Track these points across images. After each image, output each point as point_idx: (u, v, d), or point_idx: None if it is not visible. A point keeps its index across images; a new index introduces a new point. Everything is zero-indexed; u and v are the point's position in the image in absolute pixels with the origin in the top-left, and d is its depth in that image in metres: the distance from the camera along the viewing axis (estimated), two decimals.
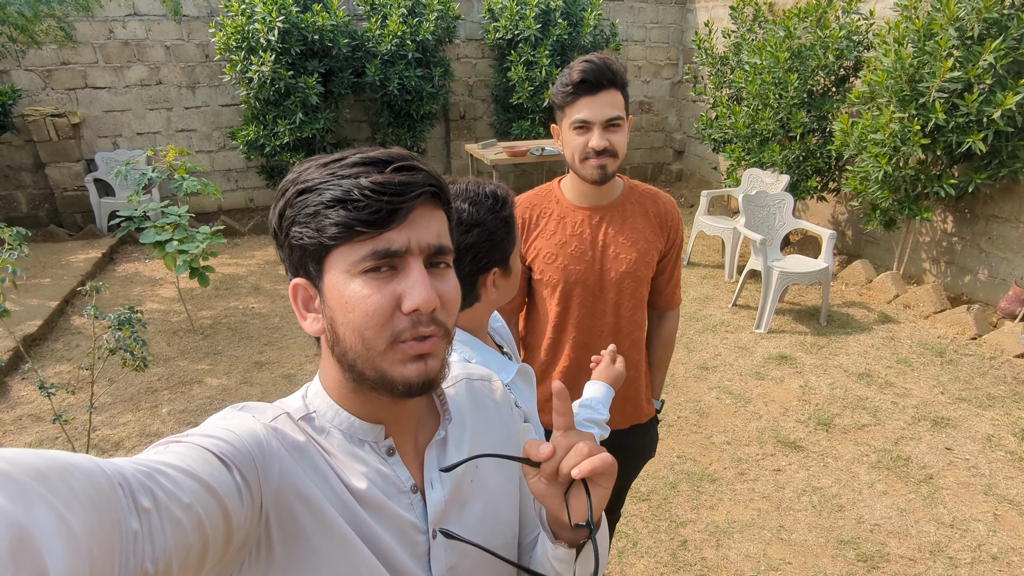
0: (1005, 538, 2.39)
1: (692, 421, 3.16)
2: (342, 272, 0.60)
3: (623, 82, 1.37)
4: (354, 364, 0.62)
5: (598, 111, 1.35)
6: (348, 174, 0.59)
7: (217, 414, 0.61)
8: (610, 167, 1.39)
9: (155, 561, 0.42)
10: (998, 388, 3.40)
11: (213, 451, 0.53)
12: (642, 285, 1.54)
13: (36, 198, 5.82)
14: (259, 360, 3.78)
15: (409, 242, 0.60)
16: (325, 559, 0.60)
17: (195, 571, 0.48)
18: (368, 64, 5.65)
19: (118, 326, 2.36)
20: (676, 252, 1.60)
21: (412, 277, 0.60)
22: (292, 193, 0.61)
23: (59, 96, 5.59)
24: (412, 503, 0.68)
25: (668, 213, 1.56)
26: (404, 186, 0.59)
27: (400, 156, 0.61)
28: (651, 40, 7.39)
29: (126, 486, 0.42)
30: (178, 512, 0.45)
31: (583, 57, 1.36)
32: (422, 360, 0.61)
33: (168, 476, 0.46)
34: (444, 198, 0.65)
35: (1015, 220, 4.06)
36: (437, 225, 0.63)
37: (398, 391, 0.61)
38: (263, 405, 0.65)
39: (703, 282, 4.98)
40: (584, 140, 1.37)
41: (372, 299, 0.59)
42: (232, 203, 6.48)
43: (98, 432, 3.04)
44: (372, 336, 0.60)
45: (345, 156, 0.62)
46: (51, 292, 4.47)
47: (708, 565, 2.28)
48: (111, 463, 0.43)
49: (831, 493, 2.64)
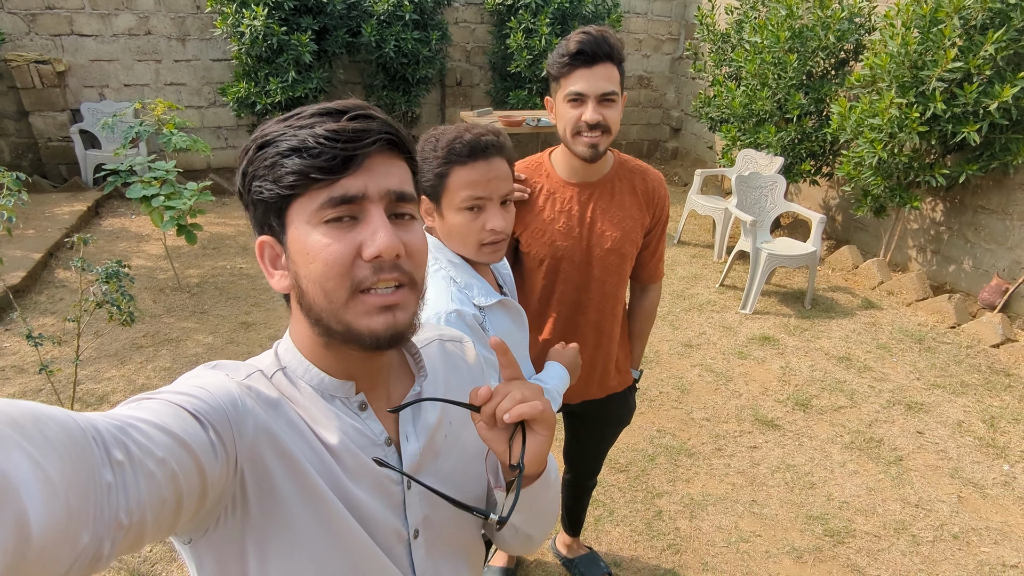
0: (967, 519, 2.49)
1: (674, 397, 3.21)
2: (303, 223, 0.60)
3: (620, 57, 1.36)
4: (320, 318, 0.62)
5: (593, 84, 1.33)
6: (304, 124, 0.59)
7: (189, 372, 0.61)
8: (602, 144, 1.38)
9: (129, 513, 0.42)
10: (972, 376, 3.49)
11: (186, 408, 0.53)
12: (626, 262, 1.55)
13: (19, 147, 5.69)
14: (246, 320, 3.77)
15: (367, 188, 0.60)
16: (300, 514, 0.61)
17: (169, 524, 0.49)
18: (364, 24, 5.52)
19: (105, 279, 2.34)
20: (661, 228, 1.61)
21: (373, 224, 0.60)
22: (253, 149, 0.61)
23: (44, 42, 5.42)
24: (386, 455, 0.69)
25: (655, 190, 1.56)
26: (359, 132, 0.59)
27: (356, 106, 0.62)
28: (653, 13, 7.27)
29: (99, 439, 0.42)
30: (151, 466, 0.45)
31: (581, 28, 1.34)
32: (390, 312, 0.61)
33: (141, 431, 0.46)
34: (404, 148, 0.64)
35: (1002, 212, 4.11)
36: (398, 173, 0.63)
37: (366, 344, 0.61)
38: (235, 363, 0.65)
39: (692, 261, 5.01)
40: (578, 113, 1.36)
41: (332, 248, 0.59)
42: (221, 161, 6.37)
43: (83, 386, 3.04)
44: (333, 287, 0.60)
45: (304, 109, 0.62)
46: (35, 244, 4.41)
47: (681, 535, 2.35)
48: (84, 416, 0.43)
49: (804, 471, 2.72)
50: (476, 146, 1.10)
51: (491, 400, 0.65)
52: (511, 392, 0.65)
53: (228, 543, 0.59)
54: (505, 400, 0.64)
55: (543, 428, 0.66)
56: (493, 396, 0.65)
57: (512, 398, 0.64)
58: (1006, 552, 2.33)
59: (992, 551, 2.33)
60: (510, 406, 0.63)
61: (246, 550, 0.60)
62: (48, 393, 2.94)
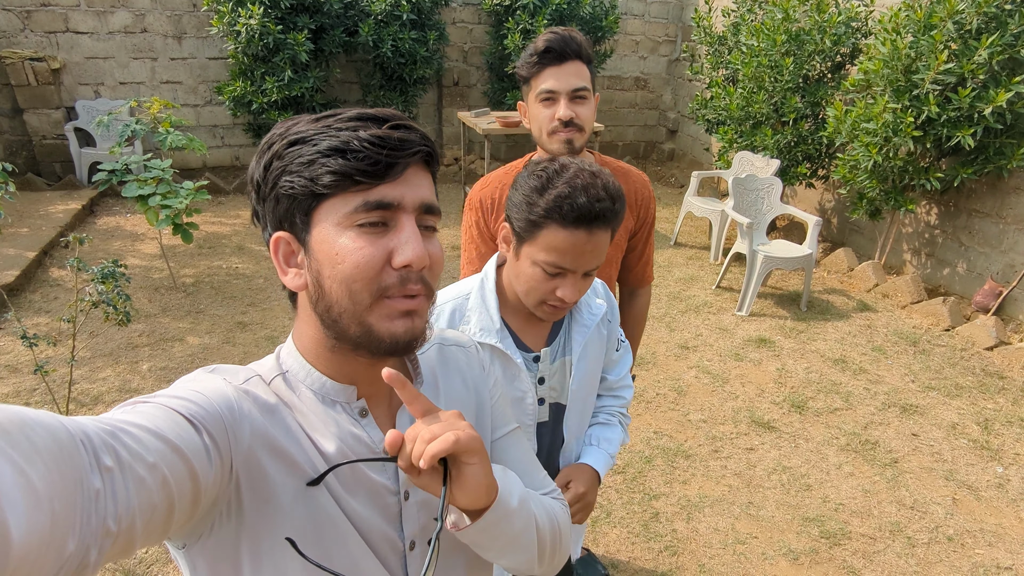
0: (961, 521, 2.50)
1: (670, 399, 3.22)
2: (333, 224, 0.60)
3: (588, 56, 1.36)
4: (339, 319, 0.61)
5: (564, 81, 1.33)
6: (346, 127, 0.60)
7: (187, 376, 0.61)
8: (576, 141, 1.37)
9: (118, 520, 0.42)
10: (966, 379, 3.51)
11: (181, 412, 0.52)
12: (610, 265, 1.54)
13: (13, 145, 5.65)
14: (242, 321, 3.76)
15: (403, 197, 0.60)
16: (295, 521, 0.61)
17: (161, 530, 0.48)
18: (361, 23, 5.51)
19: (101, 279, 2.33)
20: (647, 230, 1.60)
21: (405, 233, 0.60)
22: (281, 145, 0.61)
23: (39, 39, 5.39)
24: (384, 465, 0.69)
25: (638, 192, 1.55)
26: (402, 142, 0.60)
27: (396, 115, 0.62)
28: (651, 15, 7.29)
29: (89, 444, 0.41)
30: (142, 471, 0.45)
31: (548, 29, 1.35)
32: (409, 317, 0.62)
33: (133, 435, 0.46)
34: (434, 162, 0.65)
35: (996, 216, 4.13)
36: (428, 185, 0.64)
37: (383, 346, 0.61)
38: (234, 368, 0.65)
39: (689, 263, 5.02)
40: (551, 112, 1.36)
41: (364, 251, 0.59)
42: (217, 160, 6.35)
43: (77, 386, 3.02)
44: (360, 288, 0.59)
45: (341, 112, 0.62)
46: (29, 242, 4.38)
47: (678, 537, 2.36)
48: (74, 421, 0.43)
49: (800, 473, 2.73)
50: (585, 215, 0.96)
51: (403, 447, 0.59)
52: (419, 433, 0.58)
53: (222, 548, 0.59)
54: (416, 444, 0.58)
55: (470, 457, 0.60)
56: (404, 442, 0.59)
57: (422, 439, 0.58)
58: (1000, 554, 2.34)
59: (986, 553, 2.35)
60: (421, 449, 0.57)
61: (240, 555, 0.59)
62: (43, 393, 2.92)
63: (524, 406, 1.17)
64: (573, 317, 1.22)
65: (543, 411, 1.23)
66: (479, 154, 7.03)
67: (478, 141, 6.90)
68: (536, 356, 1.18)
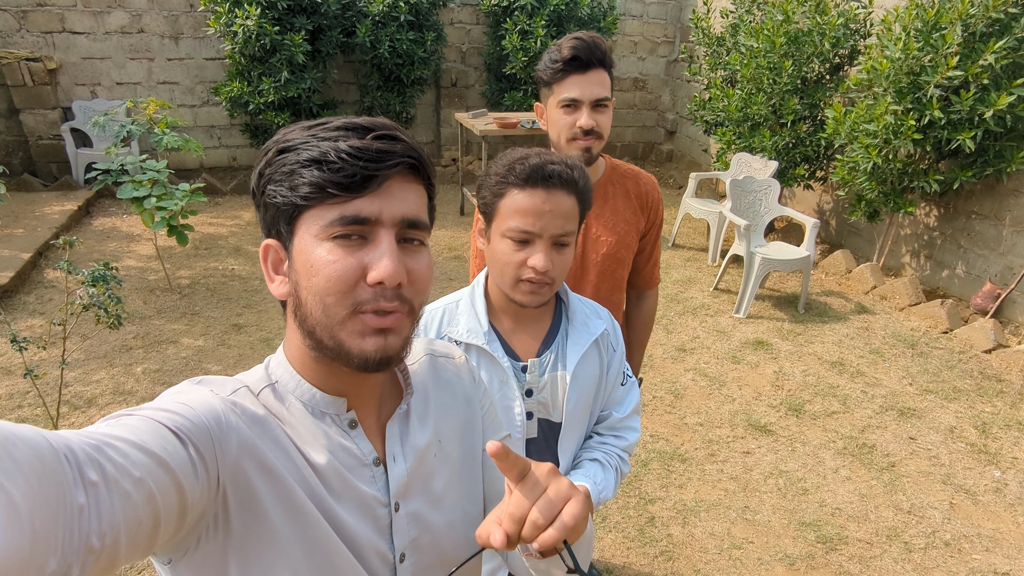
0: (959, 525, 2.49)
1: (667, 402, 3.20)
2: (311, 235, 0.59)
3: (610, 63, 1.37)
4: (313, 330, 0.61)
5: (587, 90, 1.34)
6: (329, 136, 0.59)
7: (173, 388, 0.60)
8: (595, 149, 1.39)
9: (101, 536, 0.41)
10: (964, 382, 3.49)
11: (167, 425, 0.51)
12: (622, 267, 1.54)
13: (9, 145, 5.64)
14: (237, 323, 3.74)
15: (381, 212, 0.59)
16: (283, 532, 0.60)
17: (146, 546, 0.47)
18: (359, 24, 5.50)
19: (92, 283, 2.31)
20: (656, 232, 1.60)
21: (380, 248, 0.59)
22: (273, 152, 0.61)
23: (35, 39, 5.38)
24: (374, 476, 0.68)
25: (649, 194, 1.55)
26: (382, 153, 0.59)
27: (383, 125, 0.61)
28: (649, 16, 7.28)
29: (72, 459, 0.41)
30: (128, 486, 0.44)
31: (572, 35, 1.34)
32: (382, 335, 0.60)
33: (118, 449, 0.45)
34: (424, 173, 0.64)
35: (994, 218, 4.12)
36: (414, 199, 0.62)
37: (354, 364, 0.60)
38: (222, 379, 0.64)
39: (686, 264, 5.01)
40: (572, 119, 1.36)
41: (336, 265, 0.58)
42: (214, 161, 6.33)
43: (70, 388, 3.00)
44: (333, 303, 0.59)
45: (330, 120, 0.61)
46: (24, 243, 4.36)
47: (674, 542, 2.34)
48: (58, 435, 0.42)
49: (797, 477, 2.71)
50: (539, 172, 0.97)
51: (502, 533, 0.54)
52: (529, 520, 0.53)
53: (209, 562, 0.58)
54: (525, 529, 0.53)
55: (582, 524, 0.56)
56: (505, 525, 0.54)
57: (533, 525, 0.53)
58: (997, 559, 2.33)
59: (984, 558, 2.33)
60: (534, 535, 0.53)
61: (228, 568, 0.58)
62: (35, 397, 2.90)
63: (512, 416, 1.14)
64: (568, 332, 1.18)
65: (532, 426, 1.19)
66: (477, 155, 7.02)
67: (476, 142, 6.88)
68: (524, 366, 1.15)
